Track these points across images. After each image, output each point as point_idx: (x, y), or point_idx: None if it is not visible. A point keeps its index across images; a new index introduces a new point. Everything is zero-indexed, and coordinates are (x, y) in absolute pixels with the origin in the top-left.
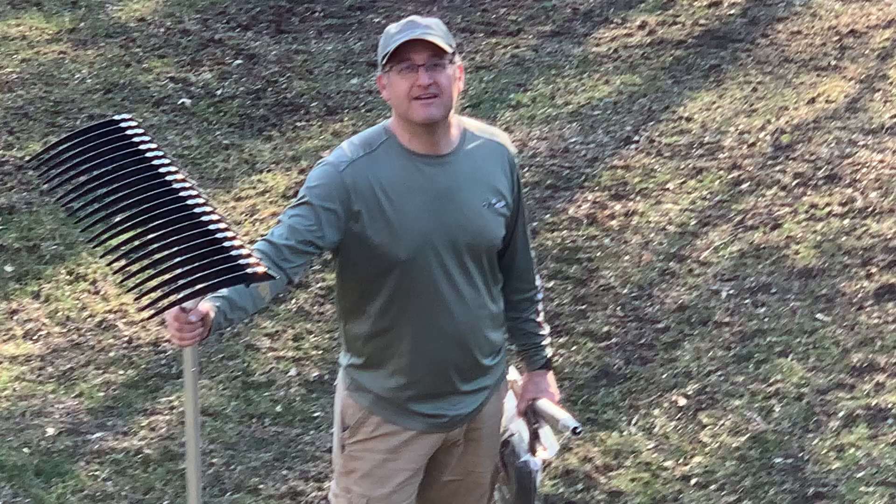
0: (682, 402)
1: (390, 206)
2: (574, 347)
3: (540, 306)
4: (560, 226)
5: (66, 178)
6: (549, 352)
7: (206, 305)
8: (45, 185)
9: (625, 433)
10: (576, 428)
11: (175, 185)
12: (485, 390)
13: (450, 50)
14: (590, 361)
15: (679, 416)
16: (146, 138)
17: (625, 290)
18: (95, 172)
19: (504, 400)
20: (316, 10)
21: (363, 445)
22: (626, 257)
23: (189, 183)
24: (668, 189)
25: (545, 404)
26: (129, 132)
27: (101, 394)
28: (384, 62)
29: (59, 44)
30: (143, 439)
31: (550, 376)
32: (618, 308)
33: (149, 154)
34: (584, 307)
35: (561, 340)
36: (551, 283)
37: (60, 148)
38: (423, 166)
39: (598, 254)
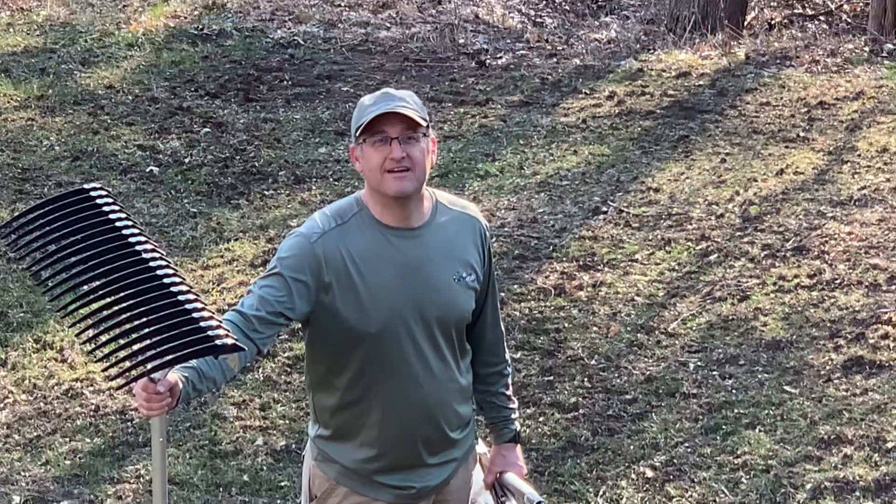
0: (650, 473)
1: (360, 279)
2: (541, 418)
3: (509, 380)
4: (528, 296)
5: (34, 246)
6: (517, 425)
7: (174, 376)
8: (13, 253)
9: None
10: (539, 502)
11: (144, 255)
12: (453, 462)
13: (424, 124)
14: (557, 432)
15: (646, 487)
16: (115, 207)
17: (592, 361)
18: (64, 241)
19: (472, 472)
20: (284, 79)
21: None
22: (594, 328)
23: (158, 252)
24: (636, 260)
25: (512, 478)
26: (98, 200)
27: (68, 462)
28: (358, 134)
29: (28, 111)
30: None
31: (518, 450)
32: (585, 379)
33: (118, 223)
34: (551, 378)
35: (528, 411)
36: (519, 354)
37: (29, 217)
38: (394, 239)
39: (566, 325)
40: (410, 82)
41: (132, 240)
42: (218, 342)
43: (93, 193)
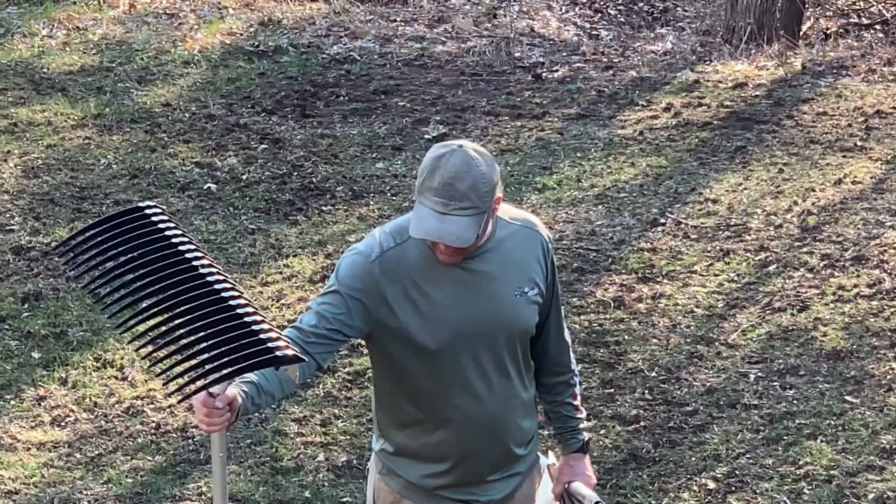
0: (712, 485)
1: (420, 297)
2: (602, 431)
3: (577, 389)
4: (587, 309)
5: (92, 264)
6: (585, 435)
7: (233, 391)
8: (72, 272)
9: None
10: (597, 502)
11: (202, 270)
12: (517, 476)
13: (476, 236)
14: (618, 445)
15: (708, 499)
16: (171, 224)
17: (653, 373)
18: (122, 259)
19: (537, 485)
20: (341, 95)
21: None
22: (654, 340)
23: (215, 268)
24: (695, 271)
25: (578, 486)
26: (154, 218)
27: (130, 480)
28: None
29: (85, 129)
30: None
31: (586, 460)
32: (646, 391)
33: (174, 239)
34: (612, 390)
35: (589, 424)
36: (579, 367)
37: (86, 235)
38: None
39: (626, 337)
40: (467, 96)
41: (189, 255)
42: (278, 353)
43: (148, 211)
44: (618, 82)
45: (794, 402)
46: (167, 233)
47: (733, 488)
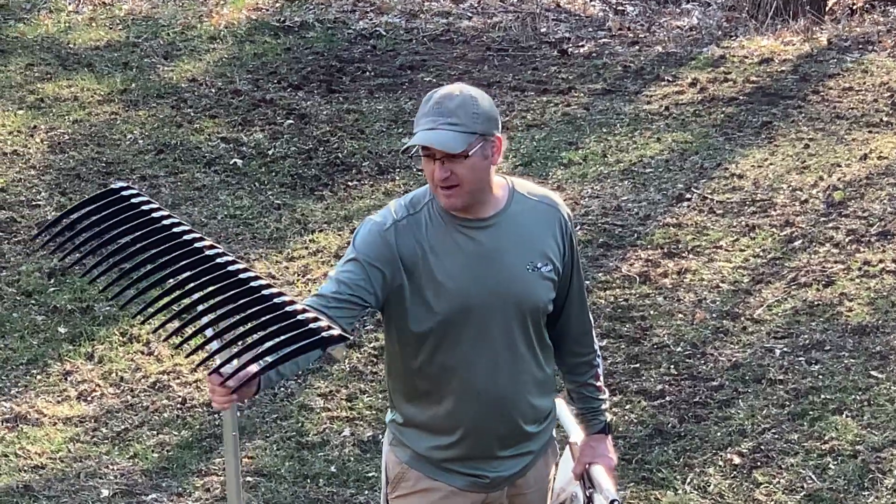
0: (737, 460)
1: (430, 268)
2: (628, 406)
3: (600, 370)
4: (613, 284)
5: (86, 249)
6: (607, 416)
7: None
8: (59, 259)
9: (679, 492)
10: (614, 501)
11: (208, 252)
12: (528, 455)
13: (462, 148)
14: (644, 420)
15: (734, 474)
16: (154, 204)
17: (678, 349)
18: (120, 243)
19: (552, 465)
20: (367, 70)
21: (404, 500)
22: (680, 315)
23: (215, 245)
24: (720, 247)
25: (597, 471)
26: (134, 200)
27: (156, 454)
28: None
29: (111, 104)
30: (198, 500)
31: (608, 441)
32: (671, 366)
33: (166, 221)
34: (637, 366)
35: (615, 399)
36: (605, 342)
37: (71, 219)
38: (464, 229)
39: (652, 312)
40: (493, 72)
41: (188, 237)
42: (324, 334)
43: (125, 193)
44: (643, 57)
45: (820, 377)
46: (155, 214)
47: (759, 463)
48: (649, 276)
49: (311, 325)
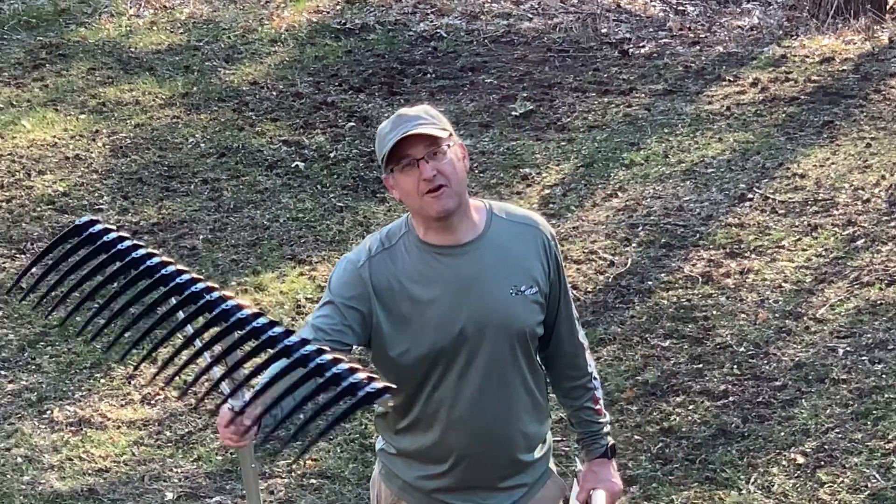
0: (801, 459)
1: (409, 301)
2: (691, 406)
3: (598, 393)
4: (675, 284)
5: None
6: (609, 440)
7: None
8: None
9: (743, 492)
10: None
11: (209, 296)
12: (522, 487)
13: (444, 135)
14: (707, 420)
15: (798, 473)
16: (127, 238)
17: (741, 349)
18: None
19: (551, 496)
20: (428, 72)
21: None
22: (742, 315)
23: (200, 279)
24: (783, 246)
25: (599, 497)
26: (106, 237)
27: (220, 457)
28: (385, 164)
29: (173, 108)
30: (262, 503)
31: (612, 465)
32: (734, 366)
33: (151, 260)
34: (700, 366)
35: (678, 399)
36: (667, 342)
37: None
38: (442, 258)
39: (714, 312)
40: (553, 73)
41: (181, 279)
42: (370, 389)
43: (93, 229)
44: (704, 57)
45: (883, 376)
46: (135, 253)
47: (822, 463)
48: (711, 277)
49: (351, 380)
